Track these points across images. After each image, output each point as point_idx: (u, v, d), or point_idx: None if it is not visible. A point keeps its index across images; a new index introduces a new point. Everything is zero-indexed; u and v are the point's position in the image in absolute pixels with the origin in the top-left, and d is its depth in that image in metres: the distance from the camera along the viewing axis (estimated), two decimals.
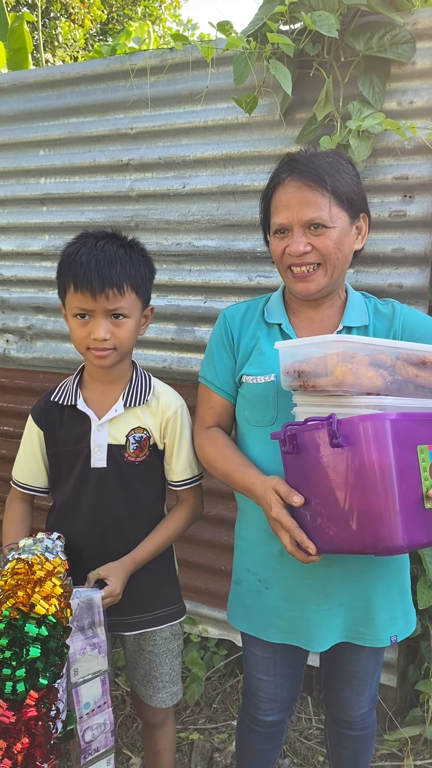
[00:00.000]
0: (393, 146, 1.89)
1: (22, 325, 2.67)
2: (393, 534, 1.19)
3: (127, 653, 1.78)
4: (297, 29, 1.89)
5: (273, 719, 1.73)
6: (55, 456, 1.65)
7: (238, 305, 1.66)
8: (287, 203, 1.43)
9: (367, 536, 1.22)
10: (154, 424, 1.62)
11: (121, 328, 1.51)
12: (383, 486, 1.20)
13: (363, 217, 1.49)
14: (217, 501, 2.35)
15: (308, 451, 1.32)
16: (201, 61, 2.11)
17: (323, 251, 1.42)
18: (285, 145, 2.06)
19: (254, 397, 1.54)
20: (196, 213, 2.25)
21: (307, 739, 2.30)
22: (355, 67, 1.87)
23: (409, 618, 1.61)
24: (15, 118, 2.55)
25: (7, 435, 2.76)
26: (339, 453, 1.25)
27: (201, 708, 2.47)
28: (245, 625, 1.65)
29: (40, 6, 6.95)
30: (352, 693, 1.68)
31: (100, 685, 1.48)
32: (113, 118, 2.35)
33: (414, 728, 2.22)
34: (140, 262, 1.54)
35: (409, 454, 1.23)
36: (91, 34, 11.18)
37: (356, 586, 1.52)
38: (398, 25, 1.80)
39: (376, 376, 1.29)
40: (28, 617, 1.27)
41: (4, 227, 2.65)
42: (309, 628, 1.54)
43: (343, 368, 1.26)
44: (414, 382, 1.34)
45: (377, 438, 1.20)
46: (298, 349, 1.35)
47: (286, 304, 1.59)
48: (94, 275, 1.45)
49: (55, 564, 1.38)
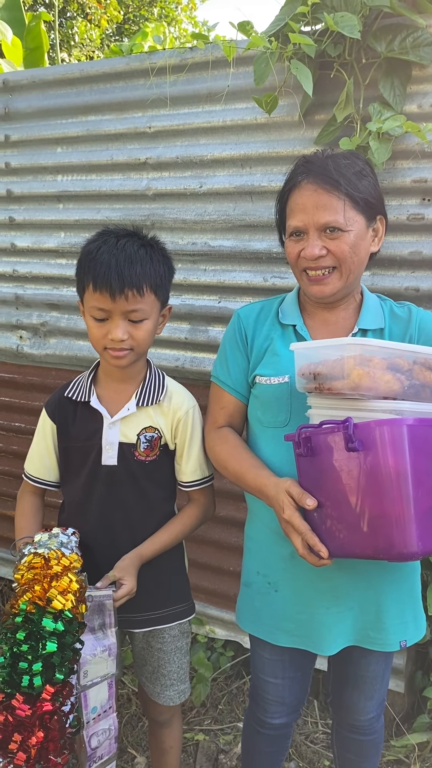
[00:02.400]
0: (413, 149, 1.88)
1: (36, 322, 2.67)
2: (408, 540, 1.18)
3: (135, 650, 1.78)
4: (318, 30, 1.89)
5: (280, 722, 1.72)
6: (67, 451, 1.66)
7: (252, 305, 1.65)
8: (303, 206, 1.42)
9: (380, 542, 1.21)
10: (166, 424, 1.62)
11: (139, 330, 1.51)
12: (398, 491, 1.19)
13: (380, 219, 1.48)
14: (227, 502, 2.34)
15: (323, 454, 1.31)
16: (221, 60, 2.11)
17: (338, 255, 1.41)
18: (304, 146, 2.05)
19: (268, 398, 1.53)
20: (213, 213, 2.24)
21: (313, 743, 2.29)
22: (377, 68, 1.86)
23: (419, 623, 1.60)
24: (33, 115, 2.56)
25: (19, 431, 2.77)
26: (354, 457, 1.24)
27: (207, 709, 2.46)
28: (254, 627, 1.64)
29: (57, 6, 6.98)
30: (360, 697, 1.67)
31: (107, 688, 1.48)
32: (131, 116, 2.35)
33: (421, 735, 2.21)
34: (160, 262, 1.53)
35: (426, 460, 1.22)
36: (107, 35, 11.22)
37: (367, 590, 1.51)
38: (420, 28, 1.79)
39: (393, 380, 1.29)
40: (45, 612, 1.27)
41: (21, 224, 2.66)
42: (318, 631, 1.54)
43: (360, 371, 1.25)
44: (431, 387, 1.34)
45: (394, 443, 1.20)
46: (314, 351, 1.35)
47: (300, 306, 1.59)
48: (114, 275, 1.44)
49: (71, 560, 1.39)
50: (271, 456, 1.53)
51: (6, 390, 2.81)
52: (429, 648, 2.22)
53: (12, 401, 2.79)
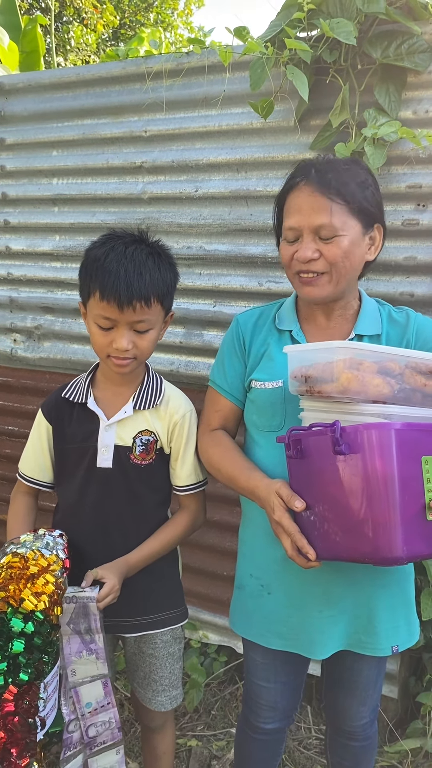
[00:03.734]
0: (407, 155, 1.89)
1: (30, 325, 2.67)
2: (393, 545, 1.18)
3: (127, 655, 1.77)
4: (314, 36, 1.90)
5: (272, 727, 1.71)
6: (62, 452, 1.65)
7: (251, 311, 1.66)
8: (299, 207, 1.42)
9: (366, 546, 1.21)
10: (162, 427, 1.62)
11: (144, 339, 1.50)
12: (385, 496, 1.19)
13: (377, 228, 1.47)
14: (221, 506, 2.34)
15: (312, 456, 1.31)
16: (217, 65, 2.12)
17: (330, 259, 1.40)
18: (299, 151, 2.06)
19: (263, 402, 1.54)
20: (208, 217, 2.25)
21: (306, 748, 2.28)
22: (372, 75, 1.87)
23: (412, 628, 1.60)
24: (29, 118, 2.56)
25: (12, 434, 2.75)
26: (341, 460, 1.24)
27: (200, 714, 2.45)
28: (246, 630, 1.64)
29: (53, 10, 6.99)
30: (353, 703, 1.67)
31: (101, 687, 1.48)
32: (127, 120, 2.35)
33: (415, 740, 2.20)
34: (167, 270, 1.52)
35: (413, 465, 1.22)
36: (103, 39, 11.25)
37: (359, 594, 1.50)
38: (416, 35, 1.80)
39: (383, 384, 1.28)
40: (17, 612, 1.26)
41: (16, 227, 2.66)
42: (310, 634, 1.53)
43: (348, 375, 1.25)
44: (422, 391, 1.33)
45: (381, 447, 1.19)
46: (306, 354, 1.35)
47: (297, 311, 1.59)
48: (123, 286, 1.42)
49: (50, 561, 1.38)
50: (265, 459, 1.54)
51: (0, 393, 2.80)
52: (423, 653, 2.22)
53: (5, 404, 2.78)
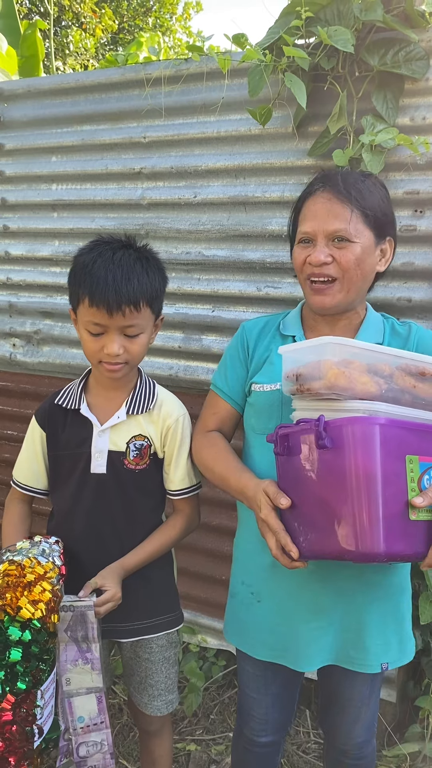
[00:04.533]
0: (405, 161, 1.90)
1: (29, 330, 2.67)
2: (372, 541, 1.17)
3: (124, 660, 1.77)
4: (312, 43, 1.91)
5: (266, 740, 1.70)
6: (56, 459, 1.65)
7: (258, 319, 1.68)
8: (315, 213, 1.45)
9: (346, 542, 1.21)
10: (155, 431, 1.62)
11: (134, 344, 1.51)
12: (366, 491, 1.18)
13: (389, 241, 1.49)
14: (219, 510, 2.34)
15: (298, 453, 1.32)
16: (215, 72, 2.13)
17: (343, 265, 1.42)
18: (297, 157, 2.07)
19: (260, 404, 1.55)
20: (207, 223, 2.26)
21: (305, 753, 2.29)
22: (369, 82, 1.89)
23: (405, 647, 1.57)
24: (28, 124, 2.57)
25: (10, 439, 2.76)
26: (325, 455, 1.25)
27: (199, 719, 2.45)
28: (237, 639, 1.64)
29: (52, 15, 7.01)
30: (345, 720, 1.65)
31: (95, 702, 1.47)
32: (126, 126, 2.36)
33: (413, 744, 2.20)
34: (156, 274, 1.53)
35: (397, 463, 1.22)
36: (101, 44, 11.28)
37: (349, 607, 1.49)
38: (413, 42, 1.82)
39: (371, 383, 1.28)
40: (13, 620, 1.26)
41: (15, 232, 2.67)
42: (297, 645, 1.52)
43: (335, 371, 1.25)
44: (411, 392, 1.33)
45: (365, 442, 1.20)
46: (299, 354, 1.35)
47: (303, 319, 1.60)
48: (111, 292, 1.43)
49: (46, 568, 1.38)
50: (261, 461, 1.54)
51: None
52: (421, 657, 2.23)
53: (5, 409, 2.78)
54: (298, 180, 2.09)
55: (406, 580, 1.58)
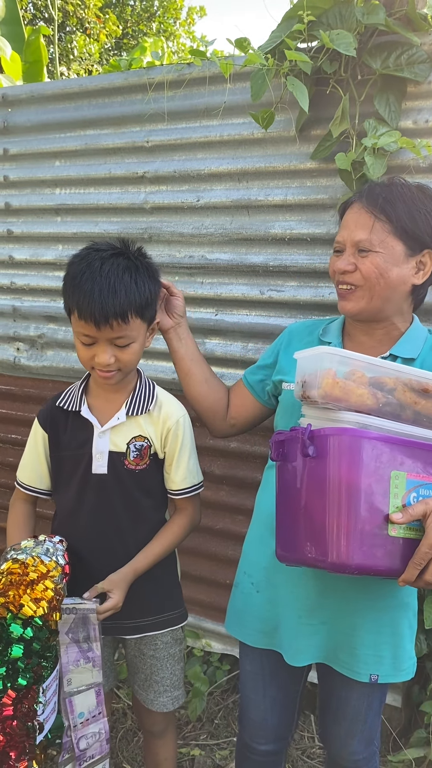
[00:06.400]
0: (407, 164, 1.90)
1: (33, 334, 2.68)
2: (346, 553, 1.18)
3: (128, 657, 1.78)
4: (315, 47, 1.91)
5: (266, 749, 1.69)
6: (58, 460, 1.67)
7: (306, 321, 1.74)
8: (347, 223, 1.50)
9: (320, 550, 1.22)
10: (155, 433, 1.64)
11: (126, 353, 1.52)
12: (346, 503, 1.19)
13: (429, 254, 1.47)
14: (223, 514, 2.34)
15: (292, 460, 1.34)
16: (218, 76, 2.13)
17: (364, 273, 1.44)
18: (299, 161, 2.07)
19: (286, 402, 1.60)
20: (210, 226, 2.26)
21: (310, 758, 2.28)
22: (372, 85, 1.89)
23: (401, 665, 1.52)
24: (32, 129, 2.58)
25: (15, 443, 2.76)
26: (310, 463, 1.26)
27: (203, 723, 2.45)
28: (236, 629, 1.66)
29: (56, 20, 7.04)
30: (340, 732, 1.62)
31: (94, 696, 1.49)
32: (129, 131, 2.37)
33: (418, 750, 2.19)
34: (145, 283, 1.50)
35: (382, 478, 1.22)
36: (105, 49, 11.32)
37: (343, 609, 1.49)
38: (415, 45, 1.81)
39: (368, 395, 1.28)
40: (16, 617, 1.28)
41: (19, 236, 2.67)
42: (288, 638, 1.54)
43: (331, 381, 1.26)
44: (413, 409, 1.32)
45: (349, 454, 1.20)
46: (306, 361, 1.36)
47: (344, 328, 1.62)
48: (97, 308, 1.42)
49: (49, 567, 1.40)
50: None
51: (3, 402, 2.81)
52: (426, 662, 2.21)
53: (9, 413, 2.79)
54: (301, 183, 2.09)
55: (409, 597, 1.54)
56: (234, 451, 2.30)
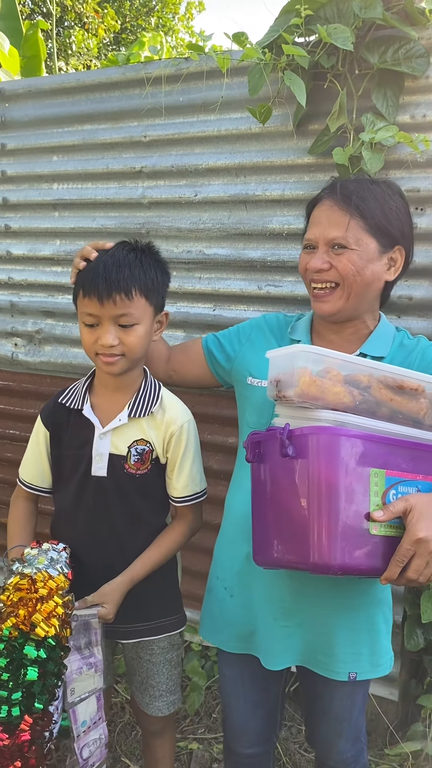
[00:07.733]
0: (405, 159, 1.89)
1: (31, 329, 2.68)
2: (328, 554, 1.17)
3: (126, 659, 1.77)
4: (312, 41, 1.91)
5: (251, 752, 1.68)
6: (59, 458, 1.65)
7: (279, 314, 1.71)
8: (318, 220, 1.48)
9: (302, 552, 1.20)
10: (158, 437, 1.60)
11: (130, 335, 1.50)
12: (327, 503, 1.18)
13: (399, 250, 1.48)
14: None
15: (266, 460, 1.32)
16: (215, 71, 2.13)
17: (341, 271, 1.43)
18: (297, 155, 2.07)
19: (257, 399, 1.56)
20: (207, 221, 2.26)
21: (307, 751, 2.28)
22: (369, 80, 1.88)
23: (378, 660, 1.53)
24: (29, 124, 2.57)
25: (13, 438, 2.76)
26: (289, 463, 1.24)
27: (201, 717, 2.45)
28: (211, 635, 1.64)
29: (54, 15, 7.02)
30: (326, 733, 1.62)
31: (95, 702, 1.47)
32: (127, 125, 2.36)
33: (415, 743, 2.20)
34: (151, 266, 1.53)
35: (361, 476, 1.21)
36: (104, 44, 11.29)
37: (318, 611, 1.48)
38: (413, 40, 1.81)
39: (344, 393, 1.27)
40: (28, 638, 1.24)
41: (16, 232, 2.67)
42: (265, 642, 1.52)
43: (307, 380, 1.24)
44: (389, 405, 1.32)
45: (328, 453, 1.19)
46: (280, 360, 1.34)
47: (312, 326, 1.61)
48: (101, 280, 1.45)
49: (58, 582, 1.35)
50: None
51: (0, 397, 2.81)
52: (423, 656, 2.22)
53: (6, 408, 2.79)
54: (299, 178, 2.09)
55: (383, 593, 1.54)
56: (232, 446, 2.30)
